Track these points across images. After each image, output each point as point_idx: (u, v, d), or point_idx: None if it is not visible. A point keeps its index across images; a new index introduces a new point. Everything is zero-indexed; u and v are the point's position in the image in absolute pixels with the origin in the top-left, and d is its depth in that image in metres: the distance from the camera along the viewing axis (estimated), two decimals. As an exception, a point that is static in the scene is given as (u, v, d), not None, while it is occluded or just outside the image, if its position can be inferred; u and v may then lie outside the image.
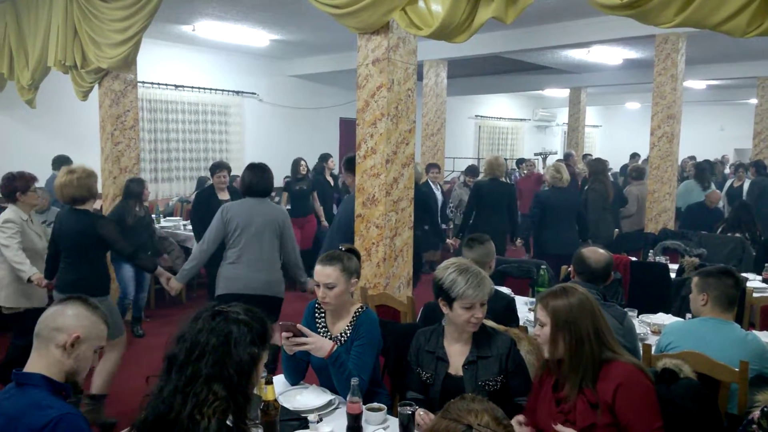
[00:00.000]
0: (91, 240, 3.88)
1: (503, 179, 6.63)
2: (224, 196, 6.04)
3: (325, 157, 8.45)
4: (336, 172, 8.78)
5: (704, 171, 8.53)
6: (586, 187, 7.20)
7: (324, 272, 2.64)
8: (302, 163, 7.76)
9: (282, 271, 4.21)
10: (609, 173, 8.56)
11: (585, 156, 11.86)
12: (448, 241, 6.48)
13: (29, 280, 4.16)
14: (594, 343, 2.11)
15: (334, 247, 4.09)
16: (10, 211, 4.34)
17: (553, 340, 2.14)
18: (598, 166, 6.99)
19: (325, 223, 7.71)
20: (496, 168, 6.43)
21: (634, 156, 13.06)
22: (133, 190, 5.69)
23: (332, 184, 8.33)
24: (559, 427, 2.08)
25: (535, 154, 12.57)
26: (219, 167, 6.20)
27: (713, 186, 8.54)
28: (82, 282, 3.82)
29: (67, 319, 1.89)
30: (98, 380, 3.94)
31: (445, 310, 2.47)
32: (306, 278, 4.23)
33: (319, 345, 2.52)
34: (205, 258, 4.16)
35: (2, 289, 4.30)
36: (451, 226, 8.58)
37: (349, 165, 4.77)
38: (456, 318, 2.43)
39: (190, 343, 1.69)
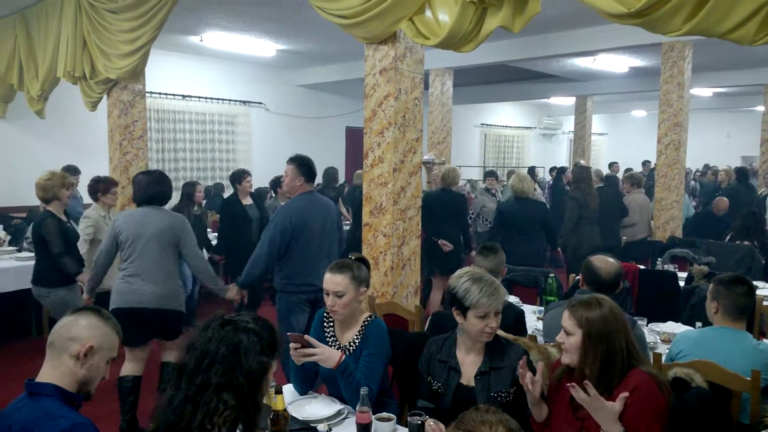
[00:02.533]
0: (39, 236, 4.28)
1: (455, 189, 6.41)
2: (248, 201, 6.36)
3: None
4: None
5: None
6: (567, 195, 6.95)
7: (334, 280, 2.63)
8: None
9: (180, 283, 4.06)
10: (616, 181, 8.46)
11: (577, 163, 11.80)
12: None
13: None
14: (625, 355, 2.10)
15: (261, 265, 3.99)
16: (91, 209, 5.22)
17: (584, 352, 2.12)
18: (582, 173, 6.68)
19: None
20: (451, 179, 6.22)
21: (646, 163, 13.01)
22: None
23: None
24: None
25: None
26: (247, 173, 6.46)
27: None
28: (41, 273, 4.37)
29: (80, 330, 1.90)
30: None
31: (458, 319, 2.46)
32: (223, 285, 4.14)
33: (327, 355, 2.51)
34: (102, 271, 4.01)
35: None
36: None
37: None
38: (470, 327, 2.42)
39: (199, 353, 1.70)
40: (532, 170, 11.44)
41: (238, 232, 6.11)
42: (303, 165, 4.13)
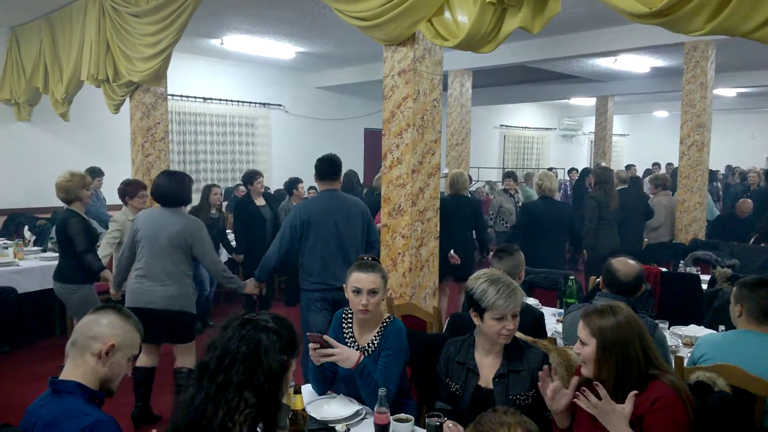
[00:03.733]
0: (64, 234, 4.40)
1: (467, 194, 6.34)
2: (261, 201, 6.43)
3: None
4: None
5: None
6: (587, 195, 6.92)
7: (369, 279, 2.64)
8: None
9: (193, 285, 4.09)
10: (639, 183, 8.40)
11: (598, 165, 11.73)
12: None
13: None
14: (642, 363, 2.05)
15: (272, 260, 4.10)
16: (119, 213, 5.26)
17: (599, 361, 2.08)
18: (605, 174, 6.61)
19: None
20: (460, 184, 6.10)
21: (655, 165, 12.94)
22: None
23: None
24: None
25: None
26: (258, 174, 6.50)
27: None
28: (65, 270, 4.47)
29: (102, 328, 1.93)
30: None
31: (476, 321, 2.45)
32: (240, 282, 4.21)
33: (346, 356, 2.52)
34: (126, 268, 4.11)
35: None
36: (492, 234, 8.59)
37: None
38: (487, 329, 2.40)
39: (221, 352, 1.72)
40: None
41: (253, 232, 6.20)
42: (317, 162, 4.22)
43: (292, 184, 7.09)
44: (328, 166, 4.20)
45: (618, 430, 1.99)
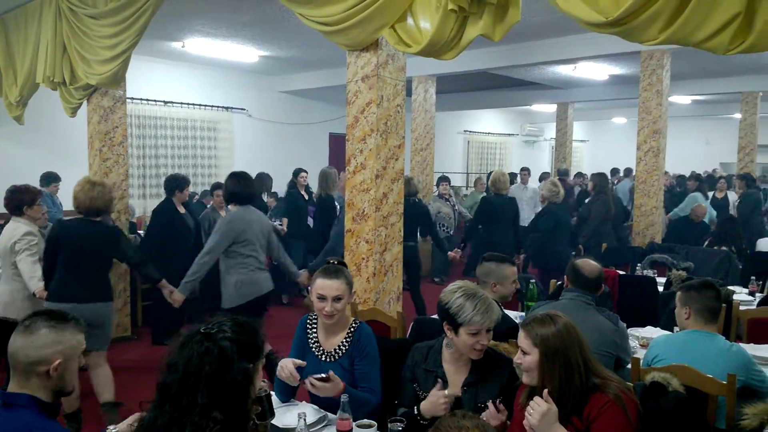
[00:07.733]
0: (110, 251, 4.08)
1: (506, 193, 6.95)
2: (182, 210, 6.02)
3: (296, 172, 8.47)
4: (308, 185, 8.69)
5: (703, 183, 8.98)
6: (588, 200, 7.63)
7: (333, 285, 2.63)
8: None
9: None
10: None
11: (578, 173, 12.11)
12: (449, 253, 6.56)
13: (33, 294, 4.19)
14: (583, 371, 2.06)
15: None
16: (24, 225, 4.32)
17: (542, 370, 2.08)
18: (603, 180, 7.43)
19: (283, 229, 7.62)
20: (501, 184, 6.74)
21: (615, 172, 13.27)
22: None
23: (306, 198, 8.34)
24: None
25: None
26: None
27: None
28: (92, 291, 3.97)
29: (41, 351, 1.83)
30: (106, 394, 4.02)
31: (449, 334, 2.43)
32: (298, 271, 4.75)
33: (333, 387, 2.47)
34: (206, 269, 4.30)
35: (13, 304, 4.32)
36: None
37: None
38: (460, 344, 2.40)
39: (182, 373, 1.63)
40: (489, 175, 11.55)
41: (177, 240, 5.79)
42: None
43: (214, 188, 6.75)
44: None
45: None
